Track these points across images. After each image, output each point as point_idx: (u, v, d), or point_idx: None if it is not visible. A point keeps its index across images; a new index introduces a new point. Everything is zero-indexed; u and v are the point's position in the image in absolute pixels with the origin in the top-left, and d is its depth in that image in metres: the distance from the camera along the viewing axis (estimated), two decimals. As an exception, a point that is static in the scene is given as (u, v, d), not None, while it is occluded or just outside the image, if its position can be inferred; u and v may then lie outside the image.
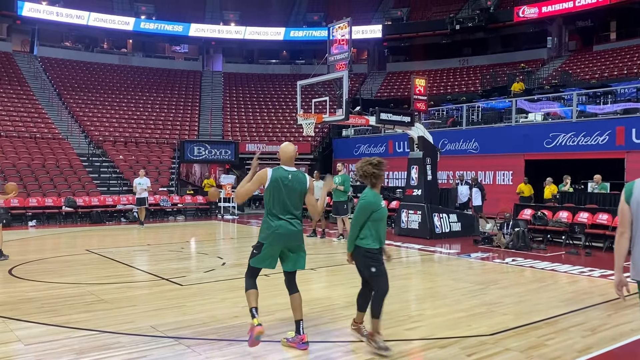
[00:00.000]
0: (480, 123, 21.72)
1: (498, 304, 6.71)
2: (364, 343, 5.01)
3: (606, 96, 19.19)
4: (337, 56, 14.06)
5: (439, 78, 33.86)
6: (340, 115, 13.03)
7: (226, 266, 9.48)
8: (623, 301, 6.46)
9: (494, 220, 15.09)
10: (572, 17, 31.24)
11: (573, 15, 30.96)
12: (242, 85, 35.19)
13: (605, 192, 14.48)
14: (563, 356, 4.70)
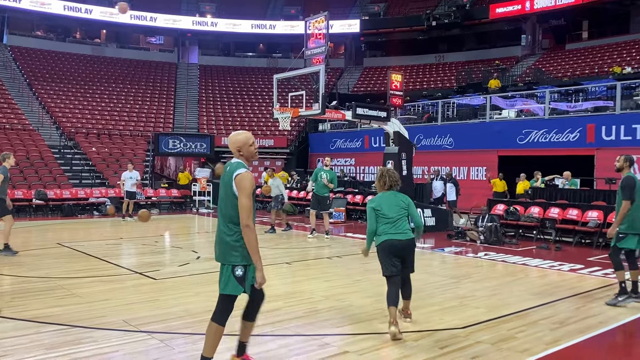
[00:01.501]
0: (455, 119, 21.97)
1: (470, 297, 6.82)
2: (338, 337, 5.05)
3: (577, 94, 19.61)
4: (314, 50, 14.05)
5: (415, 74, 34.11)
6: (317, 110, 13.02)
7: (201, 260, 9.41)
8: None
9: (468, 215, 15.31)
10: (546, 15, 31.76)
11: (547, 14, 31.48)
12: (218, 78, 34.89)
13: (576, 188, 14.82)
14: (532, 348, 4.80)
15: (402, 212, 5.51)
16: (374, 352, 4.73)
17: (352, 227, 15.11)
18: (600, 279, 8.12)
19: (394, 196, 5.59)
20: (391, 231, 5.41)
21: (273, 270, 8.50)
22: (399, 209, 5.50)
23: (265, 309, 6.00)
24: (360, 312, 6.02)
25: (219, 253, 3.98)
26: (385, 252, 5.44)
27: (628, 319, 5.91)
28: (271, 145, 27.35)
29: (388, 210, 5.46)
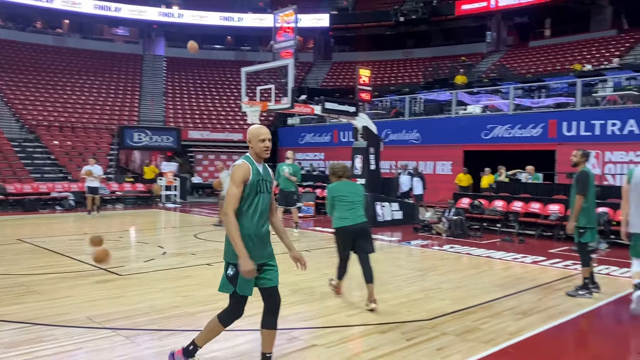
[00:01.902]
0: (422, 114, 22.22)
1: (436, 289, 6.93)
2: (305, 330, 5.06)
3: (540, 90, 20.08)
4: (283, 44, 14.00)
5: (383, 69, 34.33)
6: (286, 104, 12.98)
7: (167, 255, 9.29)
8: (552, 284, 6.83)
9: (434, 209, 15.54)
10: (510, 13, 32.40)
11: (511, 11, 32.10)
12: (185, 71, 34.34)
13: (538, 182, 15.21)
14: (496, 339, 4.92)
15: (359, 199, 6.13)
16: (342, 344, 4.76)
17: (322, 221, 15.15)
18: (561, 271, 8.37)
19: (350, 184, 6.23)
20: (350, 216, 6.00)
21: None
22: (357, 195, 6.14)
23: (233, 303, 5.99)
24: (328, 305, 6.05)
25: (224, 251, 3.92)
26: (344, 236, 6.05)
27: (587, 309, 6.11)
28: (240, 139, 27.10)
29: (348, 196, 6.06)
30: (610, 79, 18.24)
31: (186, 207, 19.51)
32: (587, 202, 6.56)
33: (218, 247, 10.13)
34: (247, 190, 3.75)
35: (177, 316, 5.53)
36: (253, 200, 3.77)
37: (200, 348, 4.05)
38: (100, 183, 15.97)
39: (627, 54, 25.01)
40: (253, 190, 3.77)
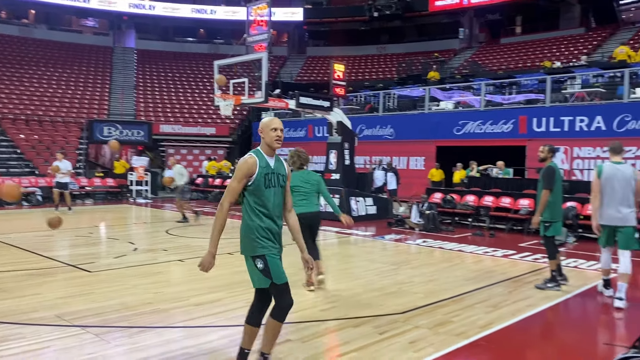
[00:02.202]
0: (396, 110, 22.36)
1: (409, 283, 6.99)
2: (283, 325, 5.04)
3: (511, 87, 20.40)
4: (256, 37, 13.89)
5: (358, 64, 34.41)
6: (260, 98, 12.90)
7: (138, 252, 9.14)
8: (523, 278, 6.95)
9: (407, 204, 15.67)
10: (483, 10, 32.84)
11: (483, 8, 32.53)
12: (157, 64, 33.82)
13: (508, 177, 15.48)
14: (467, 331, 4.98)
15: (313, 188, 6.56)
16: (316, 339, 4.76)
17: (295, 216, 15.11)
18: (531, 264, 8.54)
19: (306, 174, 6.63)
20: (304, 204, 6.41)
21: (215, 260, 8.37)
22: (311, 185, 6.55)
23: (207, 299, 5.95)
24: (302, 300, 6.04)
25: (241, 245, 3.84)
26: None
27: (555, 301, 6.25)
28: (213, 133, 26.86)
29: (304, 186, 6.48)
30: (578, 76, 18.64)
31: (157, 203, 19.24)
32: (553, 196, 6.71)
33: (190, 243, 10.03)
34: (253, 185, 3.66)
35: (148, 313, 5.44)
36: (262, 195, 3.68)
37: (271, 354, 3.87)
38: (69, 178, 15.58)
39: (595, 51, 25.62)
40: (261, 184, 3.67)
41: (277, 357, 4.27)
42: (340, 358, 4.35)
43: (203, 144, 26.59)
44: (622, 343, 4.54)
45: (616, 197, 6.09)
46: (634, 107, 15.25)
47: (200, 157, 26.08)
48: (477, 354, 4.50)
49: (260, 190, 3.67)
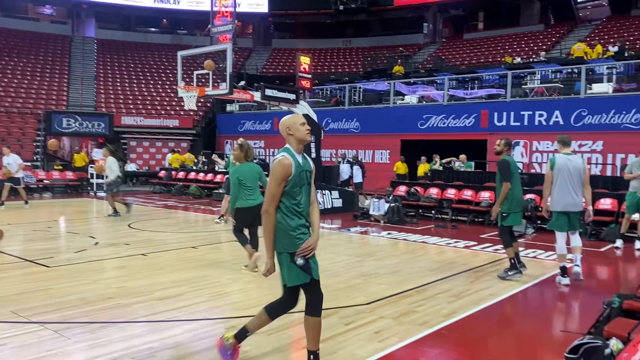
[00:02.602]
0: (362, 103, 22.48)
1: (374, 274, 7.07)
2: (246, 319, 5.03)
3: (473, 82, 20.79)
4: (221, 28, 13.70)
5: (324, 57, 34.40)
6: (224, 89, 12.74)
7: (99, 246, 8.93)
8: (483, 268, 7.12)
9: (372, 197, 15.80)
10: (446, 5, 33.28)
11: (446, 4, 32.98)
12: (118, 54, 32.98)
13: (470, 170, 15.80)
14: (431, 321, 5.08)
15: (257, 181, 6.93)
16: (282, 331, 4.76)
17: (260, 209, 15.04)
18: (491, 255, 8.75)
19: (252, 167, 6.97)
20: (251, 197, 6.82)
21: (178, 254, 8.29)
22: (256, 178, 6.93)
23: (171, 294, 5.87)
24: (268, 293, 6.02)
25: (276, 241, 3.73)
26: (244, 214, 6.89)
27: (515, 290, 6.43)
28: (176, 125, 26.42)
29: (249, 179, 6.83)
30: (538, 71, 19.13)
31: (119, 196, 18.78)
32: (511, 188, 6.92)
33: (153, 237, 9.87)
34: (289, 185, 3.61)
35: (110, 308, 5.33)
36: (298, 194, 3.65)
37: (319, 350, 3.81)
38: (22, 172, 14.88)
39: (553, 48, 26.33)
40: (298, 184, 3.64)
41: (243, 351, 4.25)
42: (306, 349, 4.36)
43: (166, 136, 26.13)
44: (578, 330, 4.71)
45: (568, 185, 6.76)
46: (590, 103, 15.78)
47: (163, 149, 25.63)
48: (440, 343, 4.58)
49: (296, 189, 3.65)
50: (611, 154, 15.29)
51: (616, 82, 16.69)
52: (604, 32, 26.20)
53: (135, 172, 24.13)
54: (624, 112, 15.08)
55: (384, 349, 4.33)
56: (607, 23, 27.71)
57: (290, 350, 4.41)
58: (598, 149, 15.53)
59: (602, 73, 17.41)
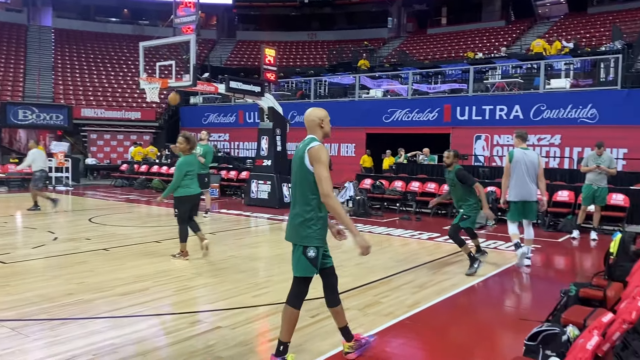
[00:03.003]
0: (327, 97, 22.49)
1: (340, 267, 7.08)
2: (210, 313, 5.00)
3: (437, 76, 21.07)
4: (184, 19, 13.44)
5: (289, 50, 34.23)
6: (188, 81, 12.54)
7: (58, 241, 8.69)
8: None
9: (338, 190, 15.86)
10: (410, 0, 33.57)
11: (411, -2, 33.26)
12: (77, 44, 31.99)
13: (434, 163, 16.06)
14: (395, 311, 5.15)
15: (197, 170, 7.56)
16: (247, 325, 4.75)
17: (227, 203, 14.93)
18: (454, 246, 8.90)
19: (194, 157, 7.56)
20: (193, 186, 7.33)
21: (142, 248, 8.14)
22: (198, 167, 7.64)
23: (134, 289, 5.77)
24: (233, 287, 6.00)
25: (291, 233, 3.84)
26: (187, 202, 7.33)
27: (476, 281, 6.59)
28: (138, 118, 25.87)
29: (194, 169, 7.38)
30: (499, 66, 19.53)
31: (79, 190, 18.34)
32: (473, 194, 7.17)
33: (115, 232, 9.66)
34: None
35: (70, 304, 5.20)
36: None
37: (289, 343, 3.87)
38: None
39: (514, 44, 26.92)
40: None
41: (207, 345, 4.23)
42: (272, 342, 4.36)
43: (128, 129, 25.56)
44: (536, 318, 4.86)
45: (524, 177, 7.28)
46: (549, 98, 16.22)
47: (125, 142, 25.08)
48: (404, 333, 4.66)
49: None
50: (568, 148, 15.77)
51: (573, 78, 17.20)
52: (562, 29, 26.94)
53: (96, 166, 23.54)
54: (581, 107, 15.57)
55: (348, 340, 4.37)
56: (565, 20, 28.50)
57: (255, 343, 4.40)
58: (556, 142, 16.00)
59: (560, 69, 17.91)
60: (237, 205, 14.24)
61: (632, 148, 14.57)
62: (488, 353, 4.43)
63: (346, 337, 4.04)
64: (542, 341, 3.28)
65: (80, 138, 24.91)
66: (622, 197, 10.65)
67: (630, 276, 4.48)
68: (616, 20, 24.68)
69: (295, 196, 3.87)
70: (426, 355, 4.37)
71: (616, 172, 10.08)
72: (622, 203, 10.59)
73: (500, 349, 4.51)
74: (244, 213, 12.72)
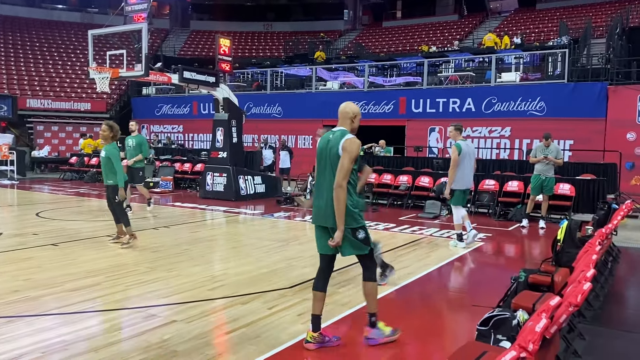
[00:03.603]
0: (284, 88, 22.38)
1: (298, 258, 7.11)
2: (165, 307, 4.91)
3: (392, 69, 21.30)
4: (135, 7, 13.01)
5: (244, 41, 33.83)
6: (139, 71, 12.19)
7: (3, 237, 8.32)
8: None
9: (296, 182, 15.86)
10: (365, -8, 33.73)
11: (366, -9, 33.41)
12: (21, 32, 30.60)
13: (390, 155, 16.26)
14: (352, 302, 5.20)
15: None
16: (203, 318, 4.69)
17: (181, 196, 14.66)
18: (409, 235, 9.08)
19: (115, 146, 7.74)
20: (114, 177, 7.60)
21: (92, 244, 7.90)
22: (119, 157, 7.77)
23: (85, 284, 5.60)
24: (188, 280, 5.90)
25: (325, 217, 3.97)
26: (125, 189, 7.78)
27: (431, 269, 6.73)
28: (88, 109, 25.03)
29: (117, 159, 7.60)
30: (452, 60, 19.92)
31: (25, 184, 17.60)
32: None
33: (64, 226, 9.34)
34: (357, 164, 3.98)
35: (16, 301, 4.99)
36: (355, 173, 4.00)
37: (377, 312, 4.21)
38: None
39: (466, 38, 27.51)
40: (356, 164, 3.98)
41: (162, 339, 4.14)
42: (228, 335, 4.33)
43: (77, 120, 24.69)
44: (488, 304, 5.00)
45: (470, 167, 7.95)
46: (500, 90, 16.68)
47: (74, 134, 24.22)
48: (361, 322, 4.70)
49: (356, 168, 4.01)
50: (518, 140, 16.29)
51: (523, 72, 17.74)
52: (512, 23, 27.71)
53: (44, 159, 22.66)
54: (530, 100, 16.09)
55: (306, 330, 4.38)
56: (515, 15, 29.32)
57: (211, 337, 4.34)
58: (506, 134, 16.49)
59: (511, 63, 18.43)
60: (191, 198, 14.02)
61: (578, 139, 15.19)
62: (442, 339, 4.54)
63: (314, 326, 4.10)
64: (493, 326, 3.38)
65: (26, 130, 23.89)
66: (568, 186, 11.09)
67: (576, 262, 4.68)
68: (563, 16, 25.58)
69: (323, 183, 4.03)
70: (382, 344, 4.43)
71: (563, 163, 10.50)
72: (569, 192, 11.03)
73: (454, 335, 4.62)
74: (199, 206, 12.53)
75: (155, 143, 22.01)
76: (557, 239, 5.25)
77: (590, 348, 4.16)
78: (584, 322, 4.67)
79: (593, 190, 11.05)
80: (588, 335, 4.34)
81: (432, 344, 4.38)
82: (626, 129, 14.57)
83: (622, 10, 21.50)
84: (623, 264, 7.34)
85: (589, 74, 16.14)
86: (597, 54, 18.06)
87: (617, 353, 4.23)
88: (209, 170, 14.22)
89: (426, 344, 4.37)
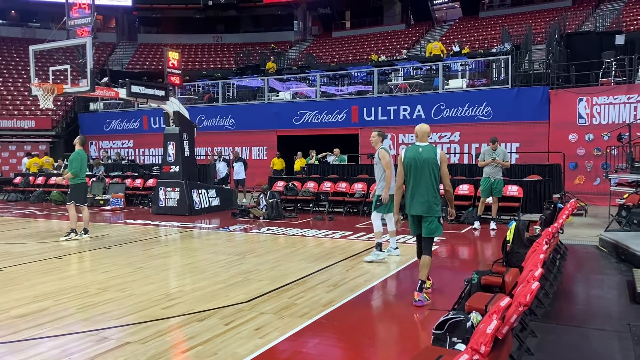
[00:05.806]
0: (236, 100, 22.24)
1: (254, 271, 7.04)
2: (118, 329, 4.75)
3: (343, 79, 21.53)
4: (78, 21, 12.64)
5: (194, 53, 33.49)
6: (85, 87, 11.83)
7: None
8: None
9: (251, 193, 15.73)
10: (314, 4, 34.07)
11: (315, 2, 33.76)
12: (-43, 48, 29.25)
13: (344, 163, 16.38)
14: (310, 312, 5.18)
15: None
16: (158, 338, 4.56)
17: (133, 213, 14.29)
18: (366, 243, 9.15)
19: None
20: None
21: (40, 266, 7.57)
22: None
23: (32, 309, 5.36)
24: (142, 300, 5.74)
25: (423, 208, 5.44)
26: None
27: (387, 275, 6.81)
28: (32, 127, 24.11)
29: None
30: (401, 68, 20.32)
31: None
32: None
33: (10, 250, 8.94)
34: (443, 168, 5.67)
35: (-44, 333, 4.72)
36: None
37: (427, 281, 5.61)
38: None
39: (414, 46, 28.15)
40: None
41: (116, 362, 4.00)
42: (185, 354, 4.23)
43: (21, 138, 23.74)
44: (444, 307, 5.09)
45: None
46: (448, 97, 17.12)
47: (18, 153, 23.26)
48: (319, 332, 4.69)
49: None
50: (467, 144, 16.74)
51: (469, 78, 18.28)
52: (457, 31, 28.55)
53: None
54: (477, 105, 16.58)
55: (265, 344, 4.34)
56: (459, 23, 30.23)
57: (168, 356, 4.23)
58: (456, 139, 16.92)
59: (457, 70, 18.95)
60: (144, 215, 13.68)
61: (523, 142, 15.76)
62: (400, 345, 4.58)
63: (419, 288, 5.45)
64: (448, 329, 3.44)
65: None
66: (516, 188, 11.47)
67: (525, 261, 4.82)
68: (505, 24, 26.58)
69: (418, 184, 5.48)
70: (341, 352, 4.43)
71: (510, 165, 10.84)
72: (517, 194, 11.40)
73: (412, 340, 4.67)
74: (152, 222, 12.25)
75: (105, 159, 21.40)
76: (507, 240, 5.41)
77: (542, 345, 4.29)
78: (535, 319, 4.82)
79: (540, 191, 11.46)
80: (540, 332, 4.48)
81: (391, 349, 4.42)
82: (568, 131, 15.22)
83: (559, 17, 22.53)
84: (570, 261, 7.63)
85: (531, 78, 16.79)
86: (538, 60, 18.82)
87: (567, 348, 4.38)
88: (162, 186, 13.93)
89: (386, 350, 4.40)
